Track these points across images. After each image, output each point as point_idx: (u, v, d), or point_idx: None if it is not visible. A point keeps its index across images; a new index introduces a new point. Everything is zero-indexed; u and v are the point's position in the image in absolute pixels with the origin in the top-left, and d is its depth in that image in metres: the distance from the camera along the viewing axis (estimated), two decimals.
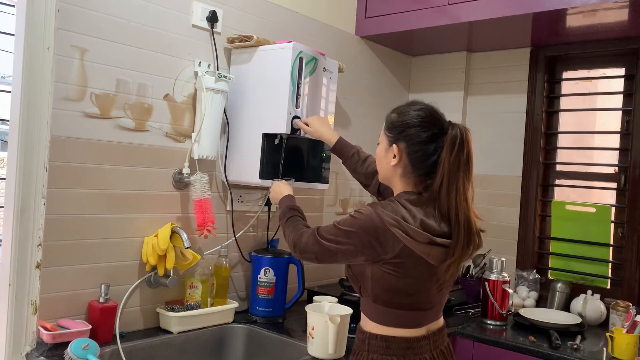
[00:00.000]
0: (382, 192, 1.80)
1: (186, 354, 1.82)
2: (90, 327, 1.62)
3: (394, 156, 1.43)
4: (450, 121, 1.43)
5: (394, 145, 1.43)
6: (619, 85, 2.48)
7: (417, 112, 1.43)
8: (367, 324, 1.45)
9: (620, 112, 2.45)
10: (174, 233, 1.80)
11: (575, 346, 1.91)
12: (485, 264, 2.54)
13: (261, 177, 1.93)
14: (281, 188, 1.75)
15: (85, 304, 1.69)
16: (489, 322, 2.17)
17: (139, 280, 1.81)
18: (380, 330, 1.42)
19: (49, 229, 1.59)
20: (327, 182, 2.13)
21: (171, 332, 1.81)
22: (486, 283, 2.19)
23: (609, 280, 2.40)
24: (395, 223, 1.33)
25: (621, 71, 2.47)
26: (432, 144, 1.39)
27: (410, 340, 1.41)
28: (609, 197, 2.47)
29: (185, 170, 1.88)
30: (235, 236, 2.10)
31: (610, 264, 2.41)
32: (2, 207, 1.67)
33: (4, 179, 1.64)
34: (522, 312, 2.24)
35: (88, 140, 1.67)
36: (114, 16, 1.71)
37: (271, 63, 1.95)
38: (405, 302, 1.40)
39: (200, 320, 1.88)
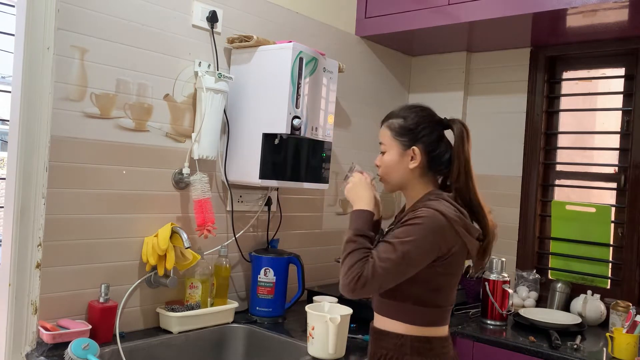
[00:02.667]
0: None
1: (186, 354, 1.82)
2: (90, 327, 1.62)
3: (411, 158, 1.45)
4: (446, 117, 1.50)
5: (413, 148, 1.44)
6: (619, 85, 2.48)
7: (422, 113, 1.48)
8: (399, 327, 1.41)
9: (620, 112, 2.45)
10: (174, 233, 1.80)
11: (575, 346, 1.91)
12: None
13: (261, 177, 1.93)
14: (363, 192, 1.48)
15: (85, 304, 1.69)
16: (489, 322, 2.17)
17: (139, 280, 1.81)
18: (419, 331, 1.40)
19: (49, 229, 1.60)
20: (327, 182, 2.13)
21: (171, 332, 1.81)
22: (486, 283, 2.18)
23: (609, 280, 2.40)
24: (458, 220, 1.36)
25: (621, 71, 2.47)
26: (442, 142, 1.47)
27: (443, 339, 1.43)
28: (609, 197, 2.47)
29: (185, 170, 1.88)
30: (235, 236, 2.10)
31: (610, 264, 2.41)
32: (2, 207, 1.67)
33: (4, 179, 1.64)
34: (522, 312, 2.24)
35: (88, 140, 1.67)
36: (114, 16, 1.71)
37: (271, 63, 1.95)
38: (442, 300, 1.41)
39: (200, 320, 1.88)
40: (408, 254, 1.31)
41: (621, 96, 2.46)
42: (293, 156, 1.96)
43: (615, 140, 2.46)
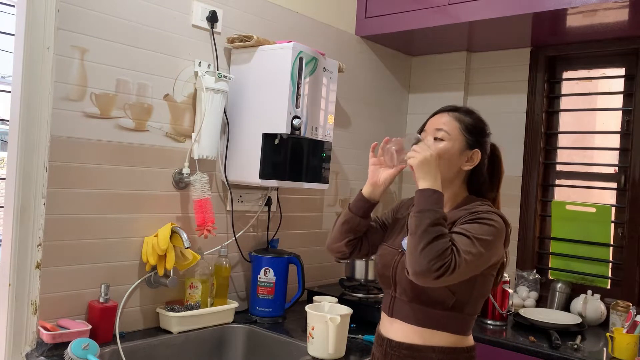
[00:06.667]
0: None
1: (186, 354, 1.82)
2: (90, 327, 1.62)
3: (467, 160, 1.41)
4: None
5: (476, 150, 1.41)
6: (619, 85, 2.48)
7: (485, 123, 1.46)
8: (448, 339, 1.35)
9: (620, 112, 2.45)
10: (174, 233, 1.80)
11: (575, 346, 1.91)
12: None
13: (261, 177, 1.93)
14: (437, 169, 1.32)
15: (85, 304, 1.69)
16: (489, 322, 2.17)
17: (139, 280, 1.81)
18: (463, 341, 1.37)
19: (49, 229, 1.60)
20: (327, 182, 2.13)
21: (171, 332, 1.81)
22: None
23: (609, 280, 2.40)
24: (510, 225, 1.36)
25: (621, 71, 2.47)
26: (489, 157, 1.47)
27: (475, 345, 1.42)
28: (609, 197, 2.47)
29: (185, 170, 1.88)
30: (235, 236, 2.10)
31: (610, 264, 2.41)
32: (2, 207, 1.67)
33: (4, 179, 1.64)
34: (522, 312, 2.24)
35: (88, 140, 1.67)
36: (114, 16, 1.71)
37: (271, 63, 1.95)
38: (480, 307, 1.40)
39: (200, 320, 1.88)
40: (484, 252, 1.27)
41: (621, 96, 2.46)
42: (293, 156, 1.96)
43: (615, 140, 2.46)
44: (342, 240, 1.49)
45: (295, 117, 1.91)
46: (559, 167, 2.61)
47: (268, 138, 1.93)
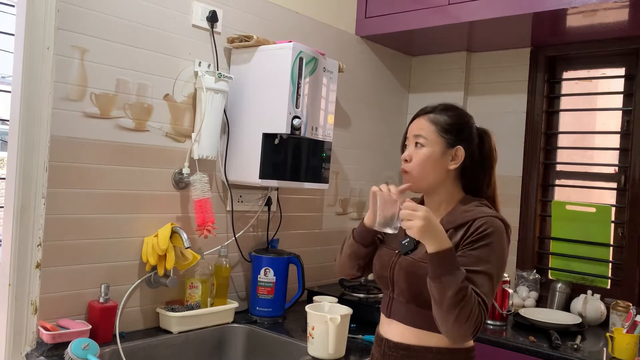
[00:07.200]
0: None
1: (186, 354, 1.82)
2: (90, 327, 1.62)
3: (452, 159, 1.39)
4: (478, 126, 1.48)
5: (458, 147, 1.38)
6: (619, 85, 2.48)
7: (467, 116, 1.44)
8: (433, 338, 1.34)
9: (620, 112, 2.45)
10: (174, 233, 1.80)
11: (575, 346, 1.91)
12: None
13: (261, 177, 1.93)
14: (438, 225, 1.26)
15: (85, 304, 1.69)
16: (489, 322, 2.17)
17: (139, 280, 1.81)
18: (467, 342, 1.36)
19: (49, 229, 1.60)
20: (327, 182, 2.13)
21: (171, 332, 1.81)
22: None
23: (609, 280, 2.40)
24: (509, 225, 1.36)
25: (621, 71, 2.47)
26: (480, 149, 1.44)
27: (474, 346, 1.41)
28: (609, 197, 2.47)
29: (185, 170, 1.88)
30: (235, 236, 2.10)
31: (610, 264, 2.41)
32: (2, 207, 1.67)
33: (4, 179, 1.64)
34: (522, 312, 2.24)
35: (88, 140, 1.67)
36: (114, 16, 1.71)
37: (271, 63, 1.95)
38: None
39: (200, 320, 1.88)
40: (499, 274, 1.30)
41: (621, 96, 2.46)
42: (293, 156, 1.96)
43: (615, 140, 2.46)
44: (351, 268, 1.53)
45: (295, 117, 1.91)
46: (559, 167, 2.61)
47: (268, 138, 1.93)
